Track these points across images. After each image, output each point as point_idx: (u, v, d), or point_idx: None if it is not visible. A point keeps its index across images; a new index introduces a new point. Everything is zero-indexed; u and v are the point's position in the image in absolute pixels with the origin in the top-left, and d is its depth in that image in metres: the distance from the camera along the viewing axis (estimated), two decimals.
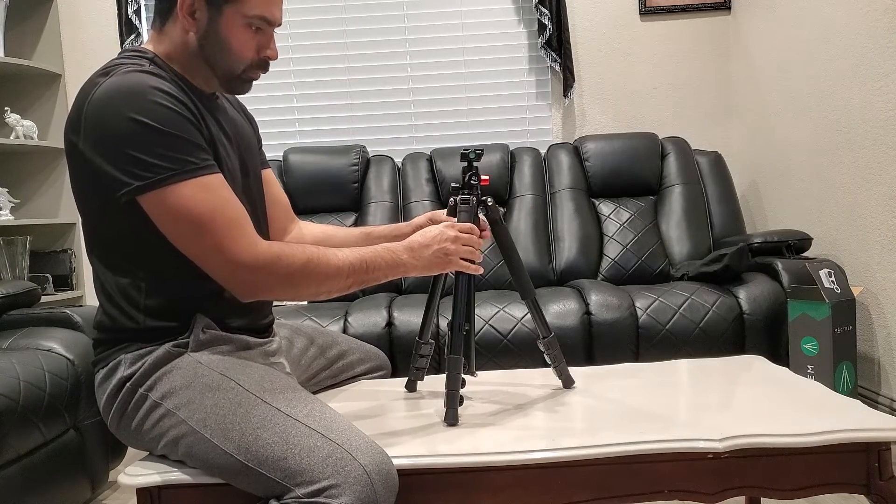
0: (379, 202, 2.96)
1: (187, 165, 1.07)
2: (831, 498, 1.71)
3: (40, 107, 3.19)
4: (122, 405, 1.14)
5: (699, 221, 2.90)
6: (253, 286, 1.12)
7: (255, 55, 1.20)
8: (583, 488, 1.10)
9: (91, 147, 1.08)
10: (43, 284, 3.01)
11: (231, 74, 1.20)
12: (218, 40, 1.16)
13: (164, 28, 1.18)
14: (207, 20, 1.15)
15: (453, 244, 1.25)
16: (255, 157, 1.37)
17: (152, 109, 1.06)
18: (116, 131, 1.05)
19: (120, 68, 1.11)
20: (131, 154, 1.05)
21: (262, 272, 1.10)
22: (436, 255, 1.24)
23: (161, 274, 1.15)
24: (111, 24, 3.23)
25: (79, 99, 1.11)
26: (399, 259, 1.22)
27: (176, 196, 1.06)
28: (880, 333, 2.34)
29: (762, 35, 3.01)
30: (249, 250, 1.10)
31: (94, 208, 1.14)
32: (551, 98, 3.30)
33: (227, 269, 1.10)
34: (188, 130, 1.09)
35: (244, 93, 1.25)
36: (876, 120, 2.29)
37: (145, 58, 1.16)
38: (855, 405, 1.22)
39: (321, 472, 0.99)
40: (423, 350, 1.42)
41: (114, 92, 1.07)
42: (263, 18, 1.17)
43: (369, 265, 1.19)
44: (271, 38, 1.21)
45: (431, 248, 1.24)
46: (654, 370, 1.52)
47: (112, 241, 1.15)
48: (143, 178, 1.05)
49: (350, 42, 3.29)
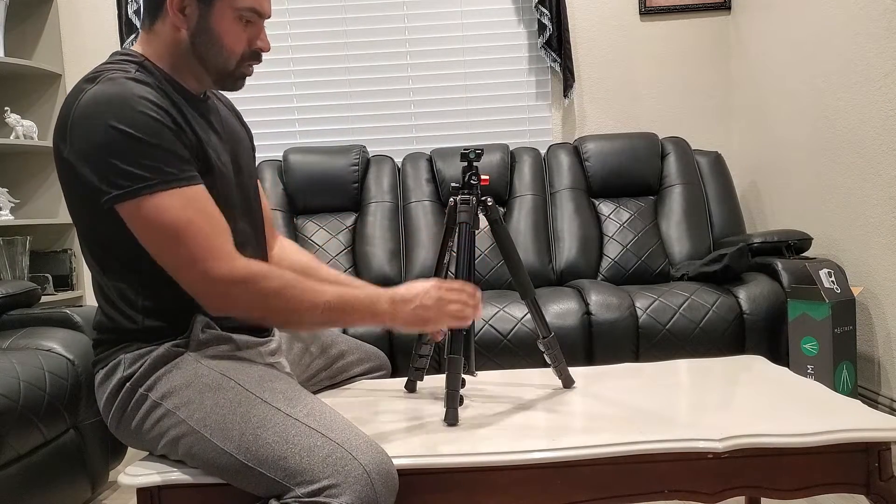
0: (379, 202, 2.96)
1: (166, 176, 1.07)
2: (831, 498, 1.71)
3: (40, 107, 3.19)
4: (121, 405, 1.14)
5: (699, 221, 2.90)
6: (224, 300, 1.10)
7: (247, 48, 1.19)
8: (583, 488, 1.10)
9: (76, 154, 1.07)
10: (43, 284, 3.01)
11: (224, 70, 1.19)
12: (209, 35, 1.16)
13: (153, 27, 1.18)
14: (198, 16, 1.15)
15: (434, 304, 1.20)
16: (250, 156, 1.36)
17: (135, 118, 1.06)
18: (99, 139, 1.05)
19: (106, 74, 1.11)
20: (111, 162, 1.05)
21: (236, 288, 1.09)
22: (415, 313, 1.19)
23: (156, 275, 1.14)
24: (111, 24, 3.23)
25: (66, 105, 1.10)
26: (379, 309, 1.18)
27: (152, 206, 1.06)
28: (880, 333, 2.34)
29: (762, 35, 3.01)
30: (225, 265, 1.08)
31: (84, 213, 1.14)
32: (551, 98, 3.30)
33: (201, 282, 1.09)
34: (170, 140, 1.09)
35: (237, 90, 1.24)
36: (876, 120, 2.29)
37: (133, 62, 1.15)
38: (855, 405, 1.22)
39: (321, 472, 0.99)
40: (422, 350, 1.42)
41: (98, 100, 1.07)
42: (253, 10, 1.17)
43: (347, 306, 1.15)
44: (262, 30, 1.21)
45: (412, 304, 1.19)
46: (654, 370, 1.52)
47: (105, 244, 1.15)
48: (121, 187, 1.05)
49: (350, 42, 3.29)
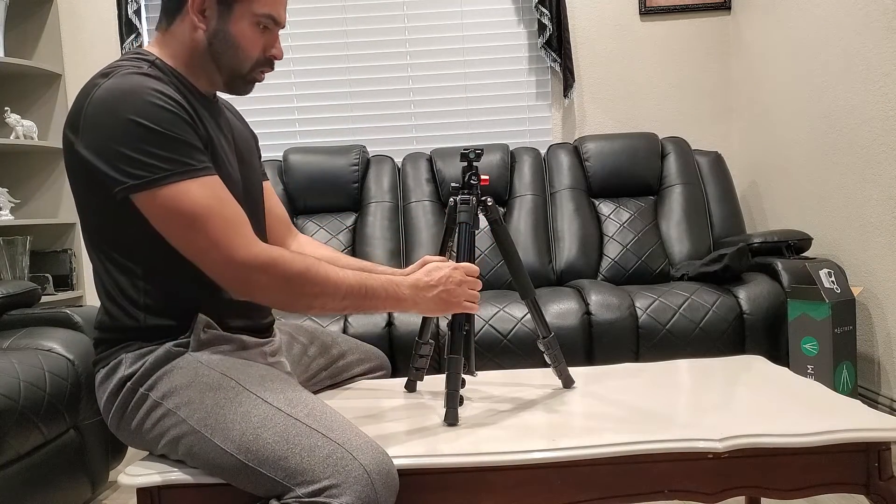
0: (379, 202, 2.96)
1: (183, 166, 1.08)
2: (831, 498, 1.71)
3: (40, 107, 3.19)
4: (122, 404, 1.14)
5: (699, 221, 2.90)
6: (248, 284, 1.11)
7: (262, 54, 1.22)
8: (583, 488, 1.10)
9: (87, 146, 1.08)
10: (43, 284, 3.01)
11: (237, 73, 1.21)
12: (227, 38, 1.18)
13: (170, 28, 1.20)
14: (217, 18, 1.17)
15: (459, 287, 1.25)
16: (256, 161, 1.37)
17: (150, 111, 1.07)
18: (114, 131, 1.06)
19: (120, 70, 1.12)
20: (127, 154, 1.06)
21: (259, 272, 1.10)
22: (439, 297, 1.23)
23: (159, 272, 1.15)
24: (111, 24, 3.23)
25: (79, 99, 1.11)
26: (401, 294, 1.21)
27: (171, 194, 1.06)
28: (880, 333, 2.34)
29: (762, 35, 3.02)
30: (247, 249, 1.10)
31: (91, 206, 1.14)
32: (551, 98, 3.30)
33: (224, 266, 1.09)
34: (186, 132, 1.10)
35: (246, 93, 1.26)
36: (876, 120, 2.29)
37: (146, 60, 1.17)
38: (855, 405, 1.22)
39: (322, 472, 0.99)
40: (422, 350, 1.42)
41: (113, 93, 1.08)
42: (271, 17, 1.20)
43: (369, 292, 1.18)
44: (277, 38, 1.24)
45: (436, 289, 1.23)
46: (654, 370, 1.52)
47: (110, 239, 1.15)
48: (139, 178, 1.06)
49: (350, 42, 3.29)
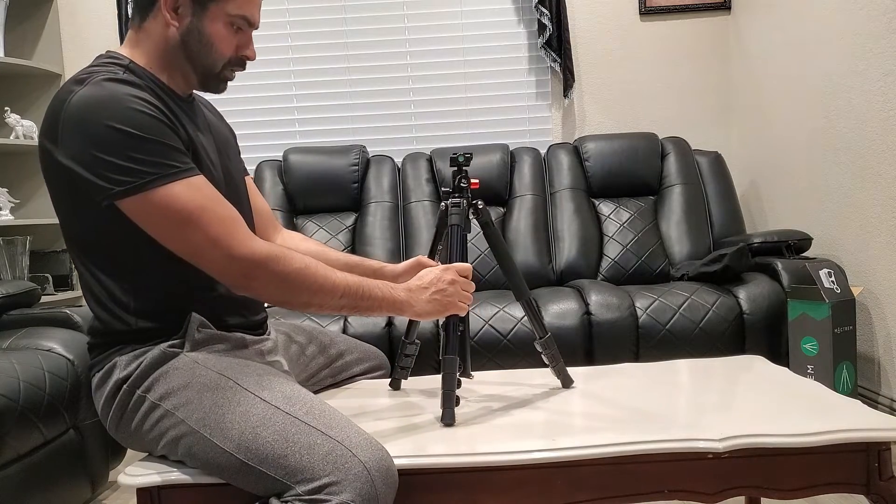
0: (379, 202, 2.96)
1: (170, 169, 1.07)
2: (831, 498, 1.71)
3: (40, 107, 3.19)
4: (120, 407, 1.14)
5: (699, 221, 2.90)
6: (246, 279, 1.11)
7: (234, 53, 1.22)
8: (582, 488, 1.10)
9: (68, 156, 1.07)
10: (43, 284, 3.01)
11: (210, 72, 1.21)
12: (200, 37, 1.18)
13: (143, 25, 1.19)
14: (191, 16, 1.17)
15: (451, 286, 1.25)
16: (238, 158, 1.38)
17: (130, 116, 1.06)
18: (95, 139, 1.05)
19: (94, 76, 1.10)
20: (111, 160, 1.05)
21: (257, 268, 1.10)
22: (433, 298, 1.23)
23: (146, 275, 1.15)
24: (111, 24, 3.23)
25: (54, 107, 1.09)
26: (396, 296, 1.21)
27: (161, 196, 1.06)
28: (880, 333, 2.34)
29: (762, 35, 3.01)
30: (246, 244, 1.10)
31: (71, 214, 1.14)
32: (551, 98, 3.30)
33: (224, 263, 1.09)
34: (168, 135, 1.09)
35: (219, 92, 1.26)
36: (876, 120, 2.29)
37: (120, 65, 1.15)
38: (855, 405, 1.21)
39: (321, 470, 0.99)
40: (408, 350, 1.44)
41: (89, 101, 1.06)
42: (245, 18, 1.20)
43: (365, 293, 1.18)
44: (250, 39, 1.24)
45: (429, 290, 1.23)
46: (654, 370, 1.52)
47: (92, 246, 1.15)
48: (125, 184, 1.05)
49: (350, 42, 3.29)
